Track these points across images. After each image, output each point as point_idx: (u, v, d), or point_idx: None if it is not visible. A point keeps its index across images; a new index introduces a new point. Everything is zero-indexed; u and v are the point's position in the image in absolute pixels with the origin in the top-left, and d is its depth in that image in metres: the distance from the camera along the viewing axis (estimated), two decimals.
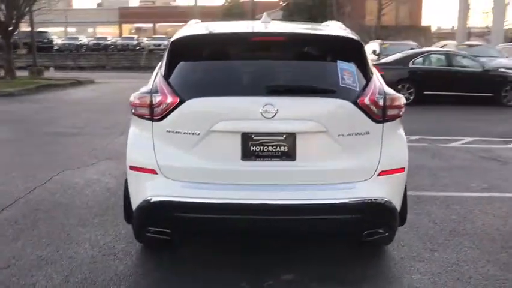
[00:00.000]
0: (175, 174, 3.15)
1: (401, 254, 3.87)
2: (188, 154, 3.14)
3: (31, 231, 4.26)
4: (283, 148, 3.11)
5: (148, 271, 3.58)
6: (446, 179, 6.08)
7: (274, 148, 3.11)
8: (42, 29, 33.36)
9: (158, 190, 3.14)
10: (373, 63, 3.76)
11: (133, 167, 3.25)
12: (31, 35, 24.07)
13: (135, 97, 3.25)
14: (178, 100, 3.10)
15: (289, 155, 3.12)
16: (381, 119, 3.20)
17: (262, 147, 3.10)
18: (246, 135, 3.09)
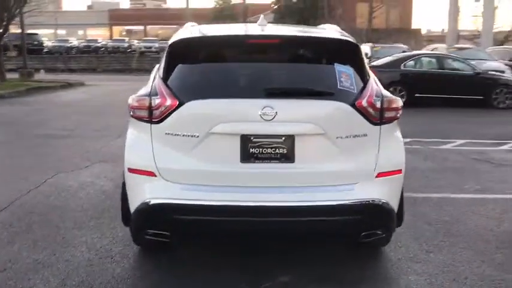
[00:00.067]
0: (174, 176, 3.15)
1: (397, 255, 3.90)
2: (187, 156, 3.14)
3: (26, 234, 4.23)
4: (282, 150, 3.12)
5: (146, 273, 3.57)
6: (439, 181, 6.14)
7: (273, 150, 3.12)
8: (32, 31, 33.13)
9: (157, 192, 3.14)
10: None
11: (131, 170, 3.25)
12: (21, 37, 23.88)
13: (134, 99, 3.24)
14: (177, 102, 3.10)
15: (288, 157, 3.13)
16: (379, 121, 3.22)
17: (261, 149, 3.11)
18: (245, 137, 3.10)
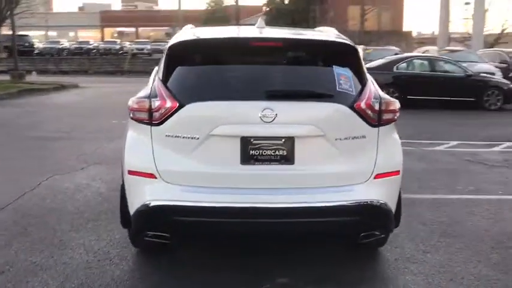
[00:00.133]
0: (174, 178, 3.16)
1: (394, 256, 3.93)
2: (187, 158, 3.15)
3: (23, 237, 4.21)
4: (282, 152, 3.14)
5: (145, 275, 3.58)
6: (433, 182, 6.19)
7: (273, 152, 3.13)
8: (23, 33, 32.90)
9: (157, 194, 3.15)
10: None
11: (131, 172, 3.24)
12: (12, 39, 23.70)
13: (134, 101, 3.25)
14: (177, 105, 3.11)
15: (287, 159, 3.15)
16: (377, 123, 3.26)
17: (261, 151, 3.12)
18: (245, 139, 3.11)
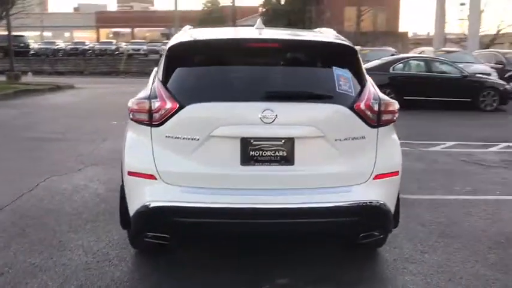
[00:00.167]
0: (174, 179, 3.16)
1: (393, 256, 3.95)
2: (187, 159, 3.15)
3: (22, 238, 4.20)
4: (282, 153, 3.15)
5: (145, 276, 3.58)
6: (430, 183, 6.22)
7: (273, 153, 3.14)
8: (18, 33, 32.77)
9: (157, 195, 3.15)
10: None
11: (131, 173, 3.24)
12: (8, 39, 23.60)
13: (134, 103, 3.25)
14: (177, 106, 3.11)
15: (287, 160, 3.16)
16: (376, 124, 3.27)
17: (261, 152, 3.13)
18: (246, 140, 3.12)
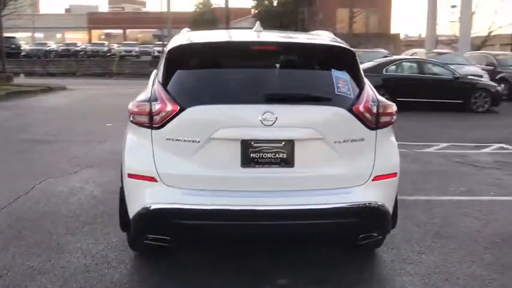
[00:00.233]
0: (175, 181, 3.17)
1: (390, 257, 3.98)
2: (188, 161, 3.16)
3: (19, 241, 4.18)
4: (282, 155, 3.17)
5: (144, 278, 3.58)
6: (425, 184, 6.27)
7: (273, 155, 3.16)
8: (9, 34, 32.53)
9: (158, 197, 3.15)
10: None
11: (132, 175, 3.25)
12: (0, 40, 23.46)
13: (134, 105, 3.25)
14: (178, 108, 3.12)
15: (287, 162, 3.18)
16: (375, 126, 3.31)
17: (261, 154, 3.14)
18: (246, 142, 3.14)
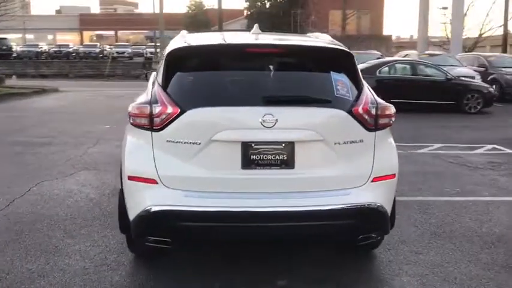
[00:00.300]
0: (175, 183, 3.17)
1: (388, 257, 4.01)
2: (189, 163, 3.17)
3: (17, 244, 4.16)
4: (282, 156, 3.19)
5: (144, 280, 3.57)
6: (420, 184, 6.31)
7: (273, 157, 3.18)
8: (0, 36, 32.35)
9: (158, 199, 3.16)
10: None
11: (132, 177, 3.25)
12: None
13: (134, 107, 3.26)
14: (178, 110, 3.13)
15: (288, 163, 3.20)
16: (373, 128, 3.34)
17: (262, 155, 3.16)
18: (246, 144, 3.15)
